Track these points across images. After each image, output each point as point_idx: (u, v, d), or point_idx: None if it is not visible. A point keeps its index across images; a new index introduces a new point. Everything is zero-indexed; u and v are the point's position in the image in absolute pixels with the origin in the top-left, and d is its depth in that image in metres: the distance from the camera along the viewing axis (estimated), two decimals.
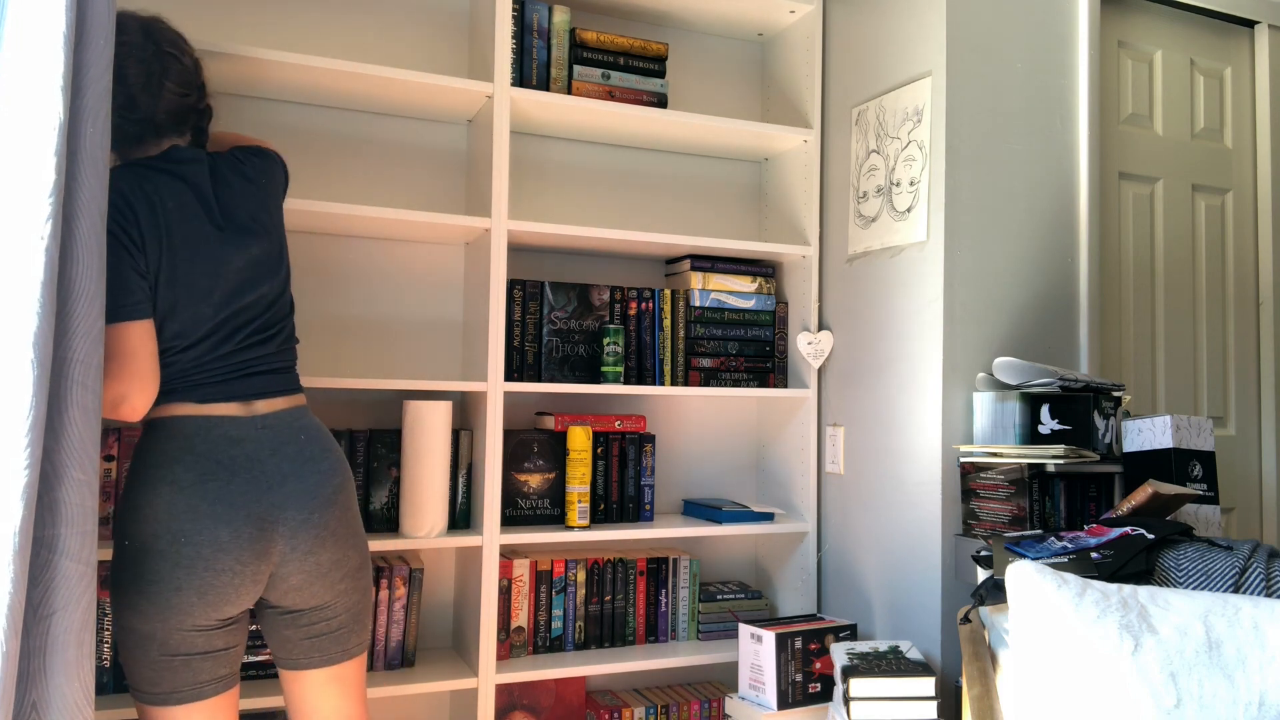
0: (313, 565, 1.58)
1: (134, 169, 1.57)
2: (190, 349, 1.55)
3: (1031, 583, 1.55)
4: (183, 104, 1.63)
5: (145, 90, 1.57)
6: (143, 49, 1.57)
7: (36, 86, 1.18)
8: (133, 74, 1.55)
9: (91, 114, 1.26)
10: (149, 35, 1.59)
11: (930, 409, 2.19)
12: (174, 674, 1.50)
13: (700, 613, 2.54)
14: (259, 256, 1.63)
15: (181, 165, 1.61)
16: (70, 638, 1.23)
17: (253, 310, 1.62)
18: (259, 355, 1.62)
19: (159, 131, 1.62)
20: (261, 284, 1.63)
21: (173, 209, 1.55)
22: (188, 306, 1.54)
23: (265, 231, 1.65)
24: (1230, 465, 2.62)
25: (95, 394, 1.28)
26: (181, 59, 1.62)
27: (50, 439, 1.22)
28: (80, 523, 1.25)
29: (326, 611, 1.62)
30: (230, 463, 1.53)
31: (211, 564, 1.48)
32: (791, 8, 2.62)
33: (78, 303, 1.25)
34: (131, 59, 1.55)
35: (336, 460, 1.65)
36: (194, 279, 1.54)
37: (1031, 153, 2.29)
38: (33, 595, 1.21)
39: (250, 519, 1.51)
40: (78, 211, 1.25)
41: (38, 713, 1.21)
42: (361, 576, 1.66)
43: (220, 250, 1.58)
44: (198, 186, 1.60)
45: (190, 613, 1.48)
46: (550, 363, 2.39)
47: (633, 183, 2.71)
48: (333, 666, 1.65)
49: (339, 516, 1.61)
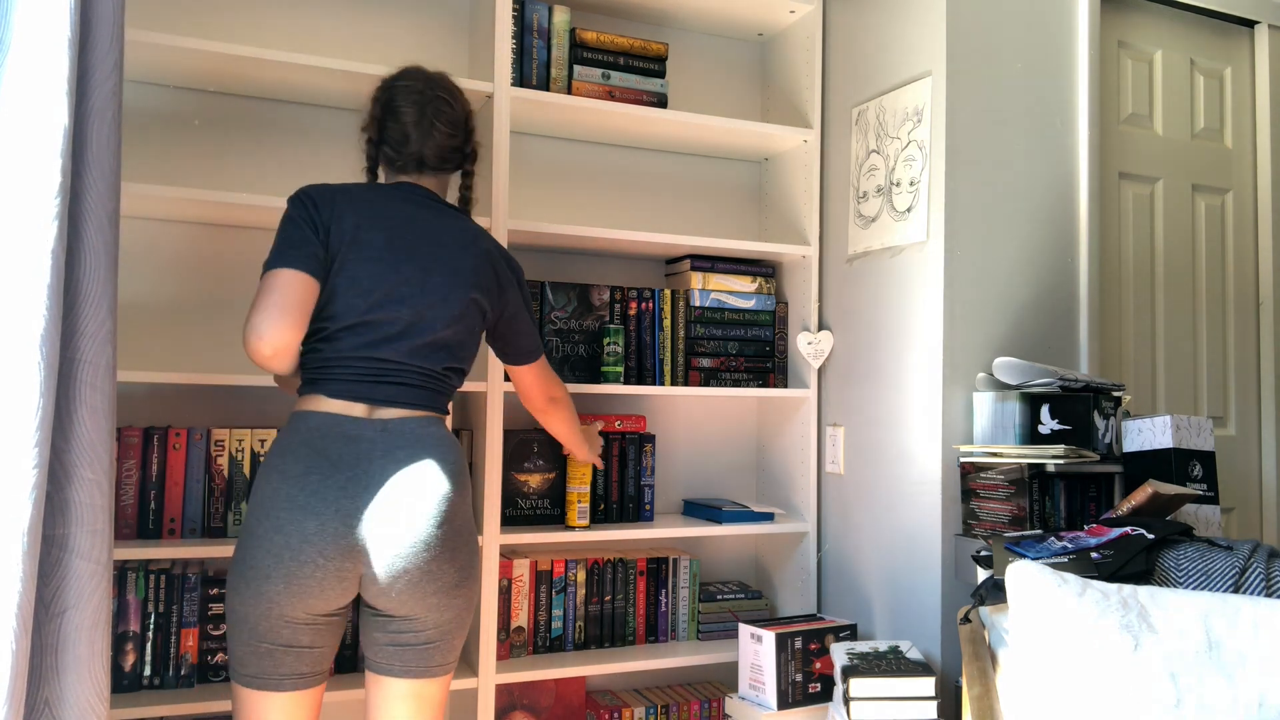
0: (400, 573, 1.56)
1: (373, 184, 1.77)
2: (336, 340, 1.62)
3: (1031, 583, 1.56)
4: (449, 144, 1.80)
5: (418, 128, 1.76)
6: (421, 94, 1.77)
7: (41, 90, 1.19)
8: (408, 114, 1.76)
9: (99, 116, 1.27)
10: (429, 82, 1.79)
11: (930, 409, 2.19)
12: (258, 660, 1.55)
13: (700, 613, 2.54)
14: (437, 283, 1.68)
15: (417, 194, 1.77)
16: (82, 635, 1.24)
17: (408, 327, 1.66)
18: (401, 368, 1.65)
19: (422, 166, 1.80)
20: (427, 308, 1.67)
21: (370, 216, 1.67)
22: (346, 297, 1.63)
23: (453, 266, 1.71)
24: (1230, 465, 2.63)
25: (104, 394, 1.28)
26: (453, 105, 1.80)
27: (60, 439, 1.22)
28: (91, 521, 1.25)
29: (415, 623, 1.60)
30: (337, 459, 1.56)
31: (297, 554, 1.51)
32: (791, 8, 2.62)
33: (84, 304, 1.26)
34: (410, 101, 1.76)
35: (450, 473, 1.63)
36: (360, 275, 1.64)
37: (1031, 153, 2.29)
38: (44, 593, 1.22)
39: (339, 515, 1.53)
40: (84, 214, 1.25)
41: (50, 709, 1.22)
42: (458, 595, 1.62)
43: (397, 260, 1.66)
44: (419, 209, 1.74)
45: (277, 601, 1.52)
46: (550, 363, 2.40)
47: (633, 183, 2.71)
48: (412, 680, 1.63)
49: (435, 528, 1.58)
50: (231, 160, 2.28)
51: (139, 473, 2.01)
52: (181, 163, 2.24)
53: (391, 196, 1.73)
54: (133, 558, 1.95)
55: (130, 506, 2.00)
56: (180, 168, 2.24)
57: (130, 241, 2.19)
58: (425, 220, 1.73)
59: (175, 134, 2.24)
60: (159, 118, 2.23)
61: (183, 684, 2.03)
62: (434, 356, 1.69)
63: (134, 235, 2.19)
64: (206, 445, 2.06)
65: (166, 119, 2.23)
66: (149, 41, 1.95)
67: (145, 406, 2.18)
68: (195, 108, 2.26)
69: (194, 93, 2.26)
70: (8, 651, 1.11)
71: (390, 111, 1.77)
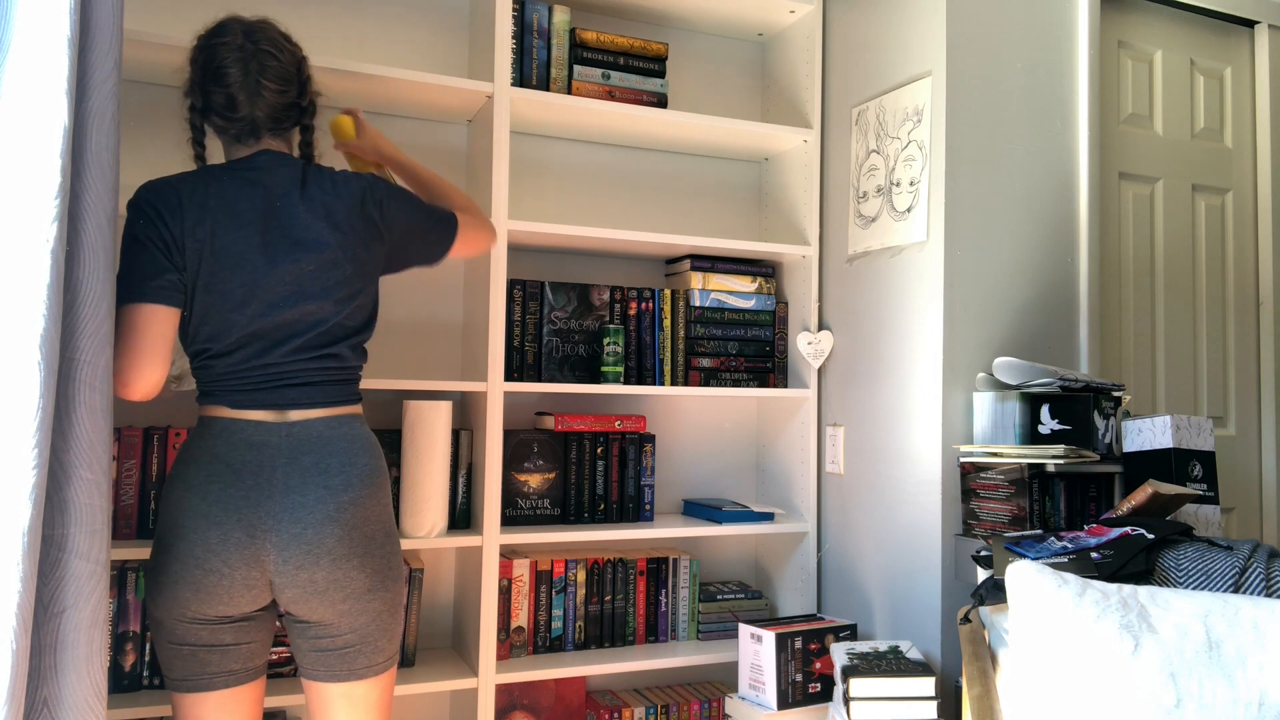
0: (305, 581, 1.53)
1: (205, 173, 1.59)
2: (224, 356, 1.56)
3: (1031, 583, 1.56)
4: (281, 101, 1.63)
5: (243, 89, 1.58)
6: (241, 49, 1.58)
7: (41, 90, 1.19)
8: (232, 74, 1.57)
9: (98, 116, 1.27)
10: (249, 35, 1.60)
11: (930, 409, 2.19)
12: (183, 662, 1.54)
13: (700, 613, 2.54)
14: (311, 272, 1.58)
15: (261, 171, 1.60)
16: (80, 635, 1.24)
17: (294, 326, 1.58)
18: (299, 369, 1.59)
19: (257, 131, 1.62)
20: (307, 301, 1.58)
21: (224, 218, 1.55)
22: (220, 313, 1.54)
23: (322, 248, 1.59)
24: (1230, 465, 2.63)
25: (103, 394, 1.28)
26: (279, 55, 1.62)
27: (58, 439, 1.22)
28: (89, 521, 1.25)
29: (330, 629, 1.57)
30: (240, 467, 1.53)
31: (201, 563, 1.50)
32: (791, 8, 2.62)
33: (84, 304, 1.26)
34: (230, 59, 1.57)
35: (357, 475, 1.57)
36: (229, 288, 1.54)
37: (1031, 153, 2.29)
38: (43, 593, 1.22)
39: (241, 524, 1.50)
40: (84, 213, 1.25)
41: (49, 709, 1.22)
42: (372, 599, 1.58)
43: (263, 262, 1.55)
44: (270, 191, 1.59)
45: (187, 605, 1.51)
46: (550, 363, 2.40)
47: (633, 183, 2.71)
48: (339, 684, 1.61)
49: (338, 535, 1.54)
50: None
51: (139, 473, 2.01)
52: (181, 163, 2.24)
53: (239, 183, 1.58)
54: (133, 558, 1.95)
55: (130, 506, 2.00)
56: (180, 168, 2.24)
57: None
58: (279, 201, 1.58)
59: (175, 134, 2.24)
60: (158, 117, 2.23)
61: None
62: (332, 347, 1.62)
63: None
64: None
65: (166, 119, 2.23)
66: (149, 41, 1.95)
67: (145, 406, 2.18)
68: None
69: None
70: (7, 651, 1.11)
71: (211, 74, 1.58)
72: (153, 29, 2.22)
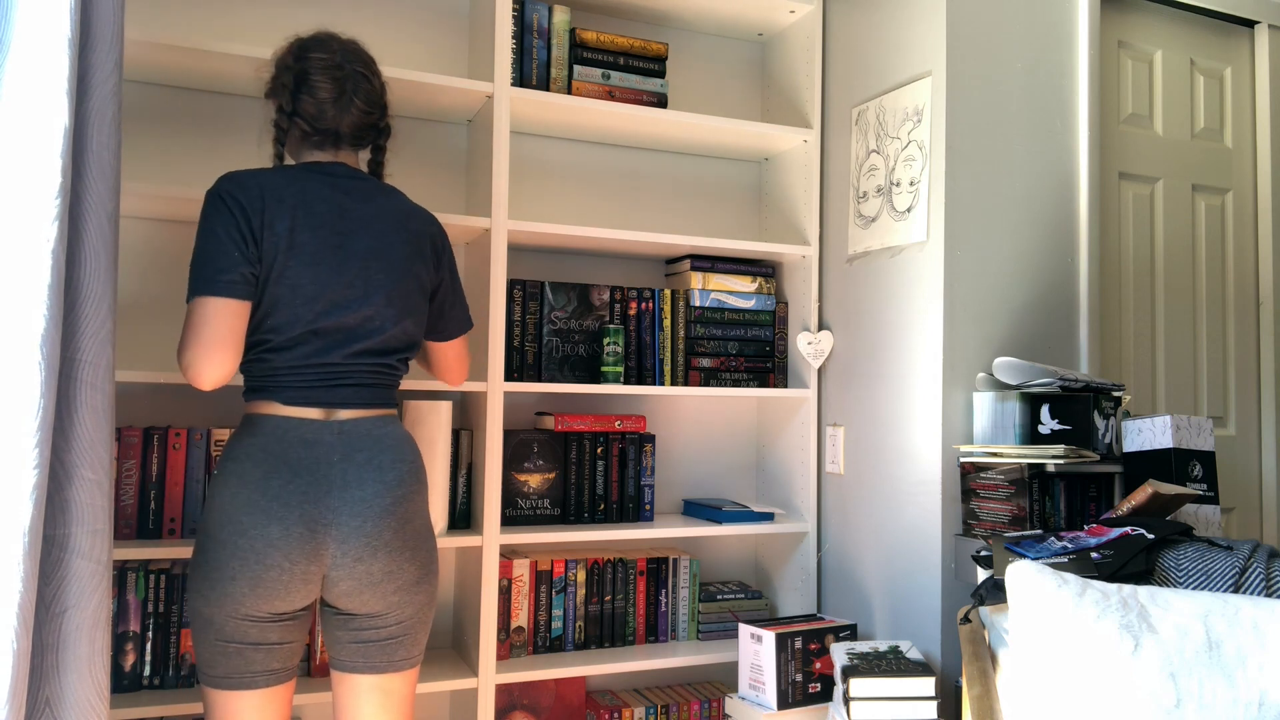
0: (362, 573, 1.59)
1: (285, 171, 1.67)
2: (285, 350, 1.61)
3: (1031, 583, 1.56)
4: (366, 120, 1.73)
5: (335, 104, 1.68)
6: (340, 68, 1.69)
7: (41, 90, 1.19)
8: (329, 88, 1.68)
9: (99, 116, 1.27)
10: (346, 55, 1.71)
11: (930, 409, 2.20)
12: (228, 660, 1.56)
13: (700, 613, 2.54)
14: (378, 280, 1.66)
15: (339, 178, 1.70)
16: (82, 634, 1.24)
17: (356, 331, 1.64)
18: (356, 370, 1.65)
19: (338, 143, 1.72)
20: (371, 306, 1.65)
21: (303, 215, 1.62)
22: (289, 307, 1.59)
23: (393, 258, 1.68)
24: (1230, 465, 2.63)
25: (104, 394, 1.28)
26: (371, 80, 1.73)
27: (60, 439, 1.23)
28: (91, 521, 1.25)
29: (377, 620, 1.64)
30: (297, 463, 1.57)
31: (262, 558, 1.52)
32: (791, 8, 2.62)
33: (85, 304, 1.26)
34: (329, 76, 1.68)
35: (407, 471, 1.65)
36: (301, 283, 1.60)
37: (1031, 153, 2.29)
38: (45, 593, 1.22)
39: (303, 519, 1.54)
40: (85, 214, 1.26)
41: (51, 708, 1.22)
42: (419, 591, 1.66)
43: (336, 263, 1.63)
44: (349, 197, 1.68)
45: (242, 602, 1.53)
46: (550, 363, 2.40)
47: (633, 183, 2.71)
48: (378, 676, 1.66)
49: (394, 528, 1.61)
50: (232, 160, 2.28)
51: (139, 473, 2.01)
52: (182, 162, 2.24)
53: (318, 184, 1.67)
54: (133, 558, 1.95)
55: (130, 506, 2.00)
56: (180, 167, 2.24)
57: (130, 241, 2.19)
58: (356, 208, 1.68)
59: (175, 134, 2.24)
60: (158, 117, 2.23)
61: (183, 684, 2.03)
62: (385, 355, 1.69)
63: (134, 235, 2.19)
64: (206, 445, 2.06)
65: (166, 119, 2.23)
66: (149, 41, 1.95)
67: (145, 406, 2.18)
68: (195, 107, 2.26)
69: (194, 92, 2.26)
70: (9, 650, 1.11)
71: (305, 85, 1.68)
72: (153, 29, 2.22)
